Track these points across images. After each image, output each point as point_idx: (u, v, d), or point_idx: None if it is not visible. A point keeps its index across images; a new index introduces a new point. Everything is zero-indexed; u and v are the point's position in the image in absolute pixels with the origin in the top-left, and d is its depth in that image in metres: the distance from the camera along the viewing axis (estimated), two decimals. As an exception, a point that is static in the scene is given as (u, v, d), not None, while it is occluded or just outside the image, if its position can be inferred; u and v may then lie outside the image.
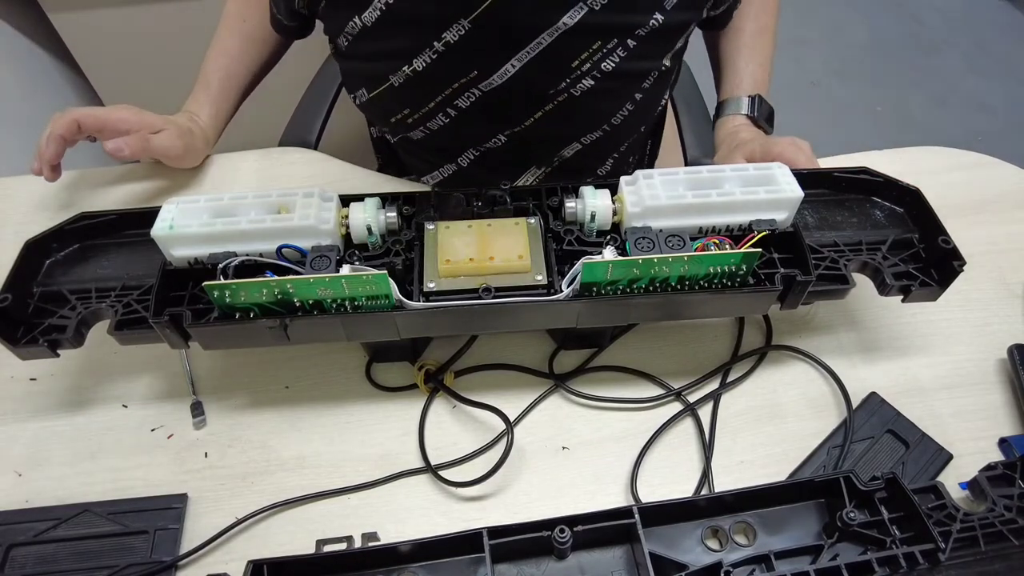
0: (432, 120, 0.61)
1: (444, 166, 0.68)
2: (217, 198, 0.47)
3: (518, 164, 0.69)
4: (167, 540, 0.46)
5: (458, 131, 0.62)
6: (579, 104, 0.60)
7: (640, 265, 0.44)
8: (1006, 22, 2.13)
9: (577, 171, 0.71)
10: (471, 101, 0.59)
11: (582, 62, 0.57)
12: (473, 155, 0.66)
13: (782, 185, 0.48)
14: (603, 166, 0.72)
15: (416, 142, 0.65)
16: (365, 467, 0.50)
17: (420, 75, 0.57)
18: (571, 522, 0.41)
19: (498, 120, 0.62)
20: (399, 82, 0.58)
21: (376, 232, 0.47)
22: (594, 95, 0.59)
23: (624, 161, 0.77)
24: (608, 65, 0.57)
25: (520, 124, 0.62)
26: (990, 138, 1.77)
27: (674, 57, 0.63)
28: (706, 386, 0.55)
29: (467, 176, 0.70)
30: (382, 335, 0.47)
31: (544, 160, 0.68)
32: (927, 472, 0.49)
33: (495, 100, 0.59)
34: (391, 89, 0.59)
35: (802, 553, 0.42)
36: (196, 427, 0.52)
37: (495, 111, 0.60)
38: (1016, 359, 0.54)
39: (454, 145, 0.66)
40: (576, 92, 0.58)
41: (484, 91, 0.58)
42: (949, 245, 0.48)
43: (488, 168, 0.68)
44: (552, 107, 0.60)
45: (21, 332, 0.46)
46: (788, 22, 2.07)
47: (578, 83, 0.58)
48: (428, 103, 0.60)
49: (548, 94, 0.59)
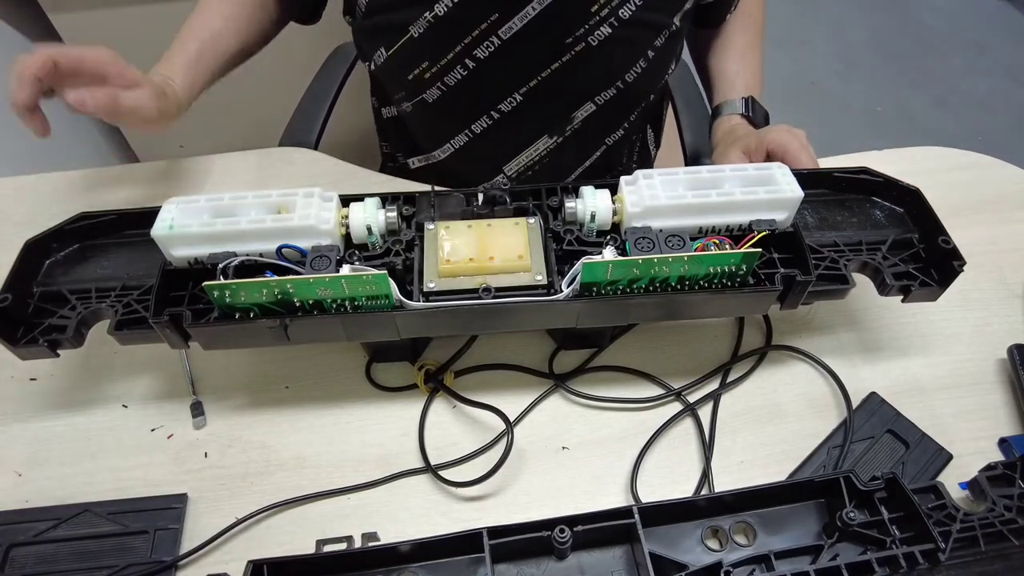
0: (450, 73, 0.61)
1: (456, 136, 0.68)
2: (217, 198, 0.47)
3: (531, 132, 0.69)
4: (167, 540, 0.46)
5: (476, 87, 0.63)
6: (596, 55, 0.60)
7: (640, 265, 0.44)
8: (1006, 22, 2.13)
9: (587, 143, 0.71)
10: (490, 51, 0.60)
11: (600, 7, 0.58)
12: (487, 122, 0.66)
13: (782, 185, 0.48)
14: (612, 135, 0.72)
15: (431, 106, 0.65)
16: (365, 467, 0.50)
17: (441, 20, 0.57)
18: (571, 522, 0.41)
19: (516, 72, 0.63)
20: (419, 31, 0.58)
21: (376, 232, 0.47)
22: (611, 44, 0.60)
23: (628, 140, 0.77)
24: (625, 12, 0.59)
25: (537, 76, 0.62)
26: (990, 138, 1.77)
27: (683, 18, 0.64)
28: (706, 386, 0.55)
29: (479, 150, 0.70)
30: (382, 335, 0.47)
31: (557, 126, 0.68)
32: (927, 472, 0.49)
33: (514, 49, 0.60)
34: (411, 41, 0.59)
35: (802, 553, 0.42)
36: (196, 427, 0.52)
37: (513, 62, 0.61)
38: (1016, 359, 0.54)
39: (470, 106, 0.66)
40: (593, 42, 0.60)
41: (503, 38, 0.59)
42: (949, 245, 0.48)
43: (501, 138, 0.68)
44: (569, 58, 0.61)
45: (21, 332, 0.46)
46: (788, 22, 2.07)
47: (596, 30, 0.59)
48: (448, 52, 0.60)
49: (566, 43, 0.60)
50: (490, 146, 0.69)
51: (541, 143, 0.69)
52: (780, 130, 0.60)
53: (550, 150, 0.70)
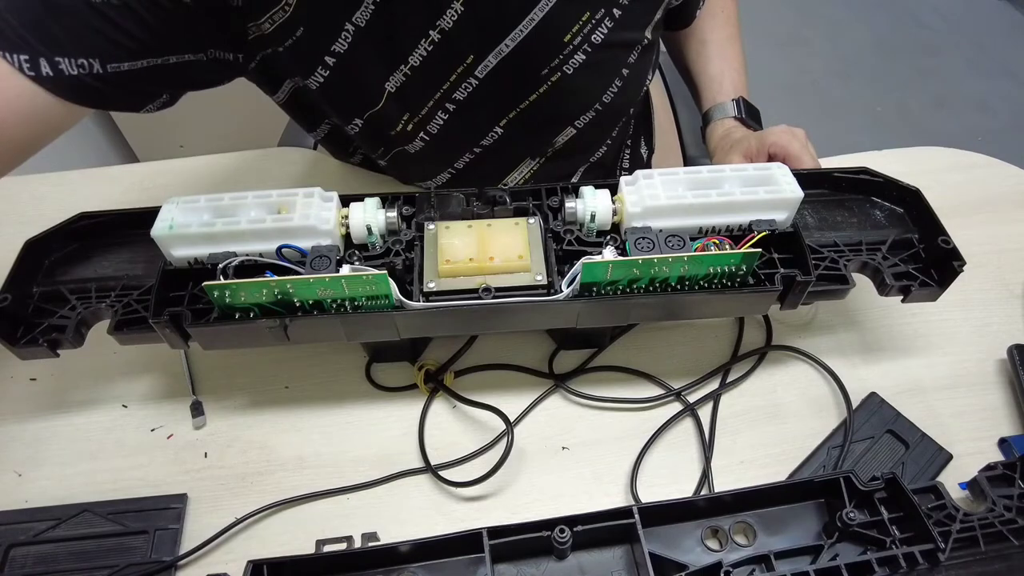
0: (432, 121, 0.61)
1: (439, 175, 0.68)
2: (217, 198, 0.47)
3: (513, 158, 0.69)
4: (167, 540, 0.46)
5: (457, 128, 0.63)
6: (572, 82, 0.61)
7: (640, 265, 0.44)
8: (1006, 22, 2.13)
9: (570, 161, 0.71)
10: (468, 92, 0.59)
11: (573, 36, 0.58)
12: (469, 158, 0.66)
13: (782, 185, 0.48)
14: (595, 153, 0.72)
15: (412, 156, 0.65)
16: (365, 467, 0.50)
17: (417, 71, 0.57)
18: (571, 522, 0.41)
19: (495, 108, 0.63)
20: (395, 87, 0.58)
21: (376, 232, 0.47)
22: (587, 70, 0.60)
23: (613, 153, 0.77)
24: (597, 37, 0.59)
25: (516, 108, 0.62)
26: (990, 138, 1.77)
27: (654, 29, 0.64)
28: (706, 386, 0.55)
29: (463, 182, 0.69)
30: (382, 335, 0.47)
31: (538, 150, 0.68)
32: (927, 472, 0.49)
33: (491, 87, 0.59)
34: (389, 98, 0.59)
35: (802, 553, 0.42)
36: (196, 427, 0.52)
37: (492, 99, 0.61)
38: (1016, 359, 0.54)
39: (452, 148, 0.66)
40: (568, 70, 0.60)
41: (480, 77, 0.59)
42: (949, 245, 0.48)
43: (484, 168, 0.68)
44: (546, 88, 0.61)
45: (21, 332, 0.46)
46: (788, 22, 2.07)
47: (571, 58, 0.59)
48: (428, 101, 0.60)
49: (542, 74, 0.60)
50: (473, 176, 0.69)
51: (524, 166, 0.70)
52: (780, 131, 0.60)
53: (533, 171, 0.70)
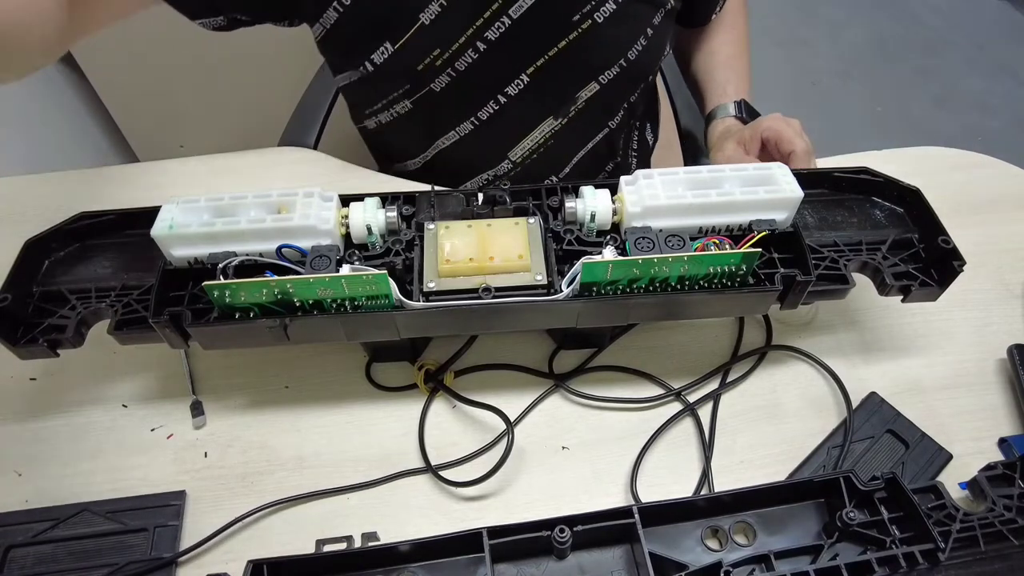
0: (461, 58, 0.63)
1: (461, 125, 0.69)
2: (217, 198, 0.47)
3: (536, 115, 0.70)
4: (166, 537, 0.46)
5: (485, 69, 0.64)
6: (601, 32, 0.63)
7: (640, 265, 0.44)
8: (1006, 22, 2.13)
9: (589, 125, 0.73)
10: (500, 32, 0.61)
11: None
12: (493, 108, 0.68)
13: (782, 185, 0.48)
14: (614, 117, 0.74)
15: (437, 96, 0.66)
16: (365, 467, 0.50)
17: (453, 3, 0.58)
18: (571, 522, 0.41)
19: (524, 53, 0.64)
20: (430, 18, 0.59)
21: (376, 232, 0.47)
22: (615, 20, 0.63)
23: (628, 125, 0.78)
24: None
25: (544, 55, 0.64)
26: (990, 138, 1.77)
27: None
28: (706, 386, 0.55)
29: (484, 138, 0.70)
30: (382, 335, 0.47)
31: (561, 108, 0.70)
32: (927, 472, 0.49)
33: (523, 29, 0.61)
34: (421, 29, 0.60)
35: (802, 553, 0.42)
36: (196, 427, 0.52)
37: (522, 42, 0.63)
38: (1016, 359, 0.54)
39: (478, 90, 0.67)
40: (599, 18, 0.62)
41: (513, 18, 0.61)
42: (949, 245, 0.48)
43: (506, 124, 0.69)
44: (576, 35, 0.63)
45: (21, 332, 0.46)
46: (788, 22, 2.07)
47: (601, 6, 0.62)
48: (459, 37, 0.61)
49: (573, 20, 0.62)
50: (495, 133, 0.70)
51: (546, 125, 0.71)
52: (773, 118, 0.62)
53: (554, 131, 0.71)
